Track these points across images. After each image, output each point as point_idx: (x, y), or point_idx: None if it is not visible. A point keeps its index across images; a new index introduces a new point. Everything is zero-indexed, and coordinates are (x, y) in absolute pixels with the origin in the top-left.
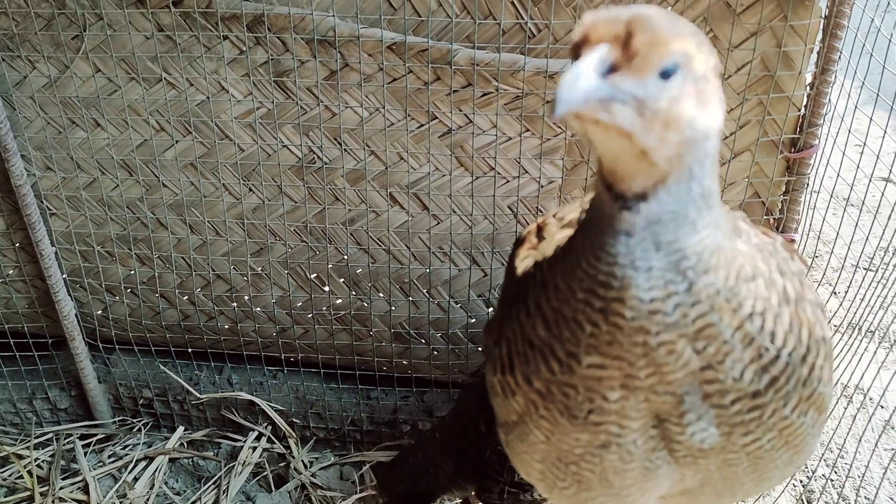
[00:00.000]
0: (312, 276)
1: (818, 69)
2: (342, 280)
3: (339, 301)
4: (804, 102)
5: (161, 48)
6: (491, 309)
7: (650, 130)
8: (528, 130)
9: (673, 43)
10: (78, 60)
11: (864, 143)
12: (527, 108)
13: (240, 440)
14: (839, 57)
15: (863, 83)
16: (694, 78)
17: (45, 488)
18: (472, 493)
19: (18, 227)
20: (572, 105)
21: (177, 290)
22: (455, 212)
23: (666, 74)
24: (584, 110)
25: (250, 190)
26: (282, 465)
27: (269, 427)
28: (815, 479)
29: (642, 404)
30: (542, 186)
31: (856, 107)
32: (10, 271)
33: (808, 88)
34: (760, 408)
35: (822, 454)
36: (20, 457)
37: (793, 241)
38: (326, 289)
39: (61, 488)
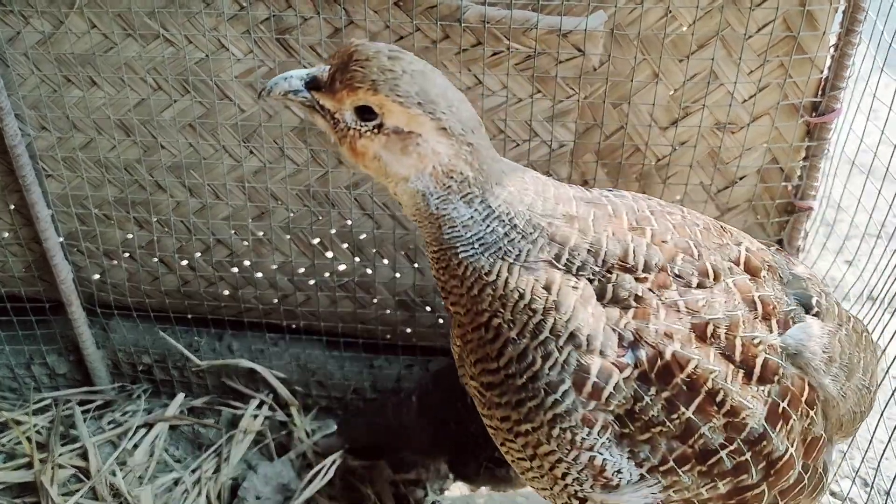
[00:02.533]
0: (315, 241)
1: (843, 29)
2: (346, 246)
3: (343, 267)
4: (827, 64)
5: (158, 3)
6: None
7: (345, 147)
8: (539, 92)
9: (361, 92)
10: (73, 16)
11: (891, 108)
12: (538, 69)
13: (241, 408)
14: (864, 17)
15: (890, 44)
16: (389, 128)
17: (45, 455)
18: (444, 462)
19: (13, 189)
20: (272, 92)
21: (176, 255)
22: None
23: (364, 112)
24: (276, 98)
25: (251, 152)
26: (283, 433)
27: (271, 395)
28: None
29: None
30: (553, 150)
31: (882, 69)
32: (6, 234)
33: (831, 50)
34: None
35: None
36: (19, 423)
37: (810, 208)
38: (329, 255)
39: (60, 454)
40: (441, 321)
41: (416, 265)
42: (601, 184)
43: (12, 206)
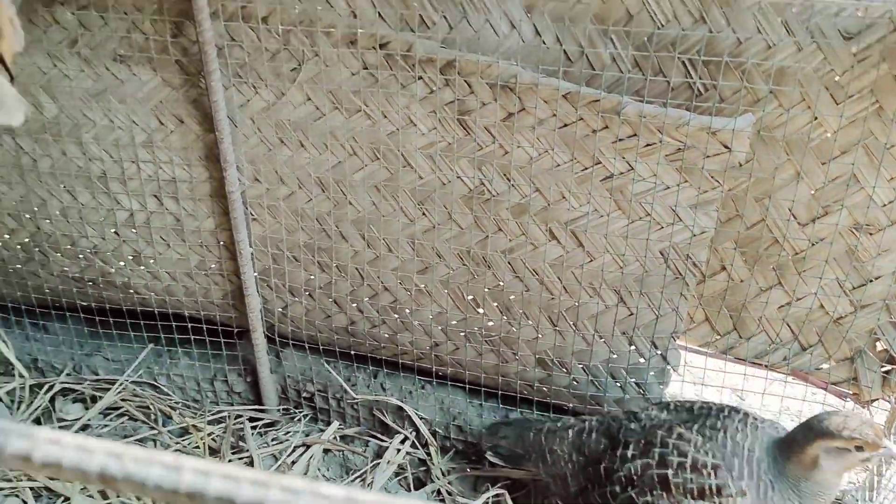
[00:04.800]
0: (469, 297)
1: None
2: (496, 304)
3: (491, 323)
4: None
5: (363, 83)
6: (633, 347)
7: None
8: (686, 181)
9: None
10: (293, 89)
11: None
12: (687, 161)
13: (386, 441)
14: None
15: None
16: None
17: (217, 459)
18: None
19: (224, 228)
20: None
21: (348, 298)
22: (608, 251)
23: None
24: None
25: (423, 214)
26: (422, 469)
27: (414, 433)
28: None
29: None
30: (695, 235)
31: None
32: (212, 265)
33: None
34: None
35: None
36: (198, 429)
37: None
38: (481, 311)
39: (230, 460)
40: (576, 382)
41: (557, 328)
42: (738, 271)
43: (221, 242)
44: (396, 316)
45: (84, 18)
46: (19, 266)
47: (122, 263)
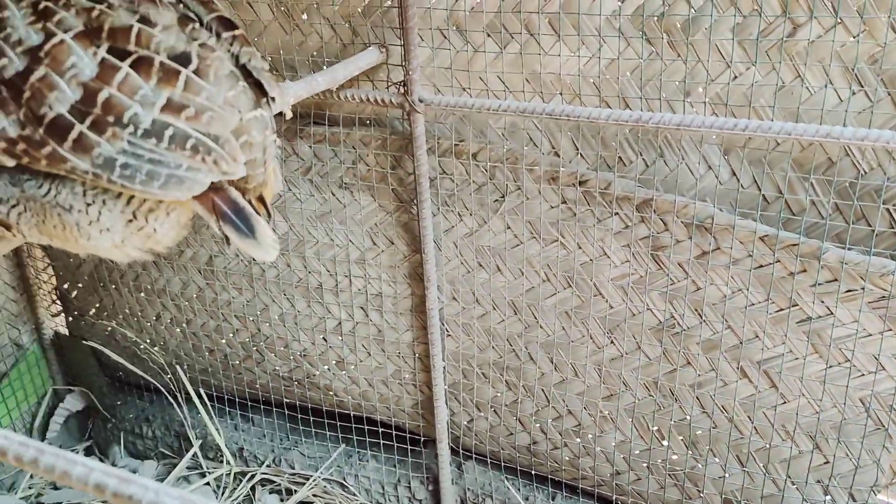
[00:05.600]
0: (654, 428)
1: None
2: (681, 438)
3: (675, 457)
4: None
5: (561, 216)
6: (828, 497)
7: None
8: (890, 330)
9: None
10: (495, 218)
11: None
12: (892, 309)
13: None
14: None
15: None
16: None
17: None
18: None
19: (421, 341)
20: None
21: (532, 417)
22: (803, 394)
23: None
24: None
25: (611, 342)
26: None
27: None
28: None
29: None
30: None
31: None
32: (407, 375)
33: None
34: None
35: None
36: None
37: None
38: (665, 443)
39: None
40: None
41: (745, 469)
42: None
43: (417, 354)
44: (579, 440)
45: (318, 151)
46: (238, 362)
47: (326, 367)
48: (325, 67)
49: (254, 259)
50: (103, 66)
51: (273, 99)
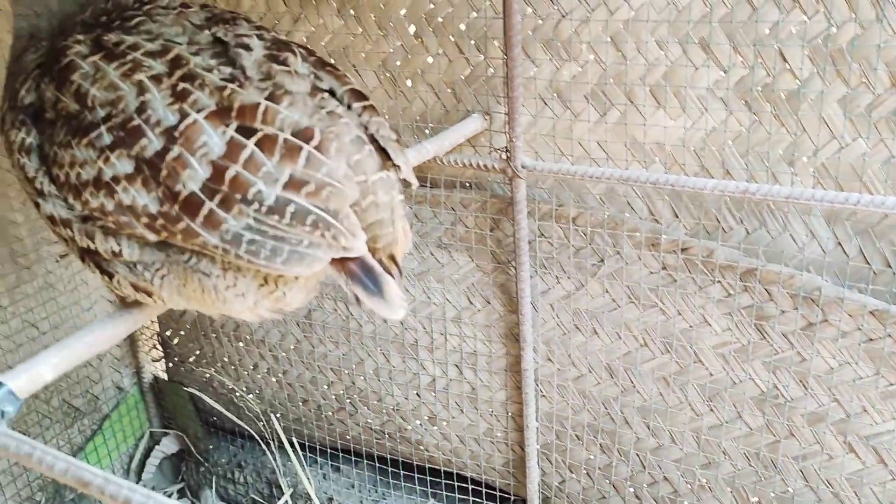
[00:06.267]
0: (754, 499)
1: None
2: None
3: None
4: None
5: (661, 282)
6: None
7: None
8: None
9: None
10: (592, 282)
11: None
12: None
13: None
14: None
15: None
16: None
17: None
18: None
19: (514, 401)
20: None
21: (626, 482)
22: None
23: None
24: None
25: (711, 409)
26: None
27: None
28: None
29: None
30: None
31: None
32: (499, 434)
33: None
34: None
35: None
36: None
37: None
38: None
39: None
40: None
41: None
42: None
43: (510, 413)
44: None
45: (419, 212)
46: (331, 413)
47: (418, 422)
48: (427, 132)
49: (372, 316)
50: (231, 144)
51: (398, 167)
